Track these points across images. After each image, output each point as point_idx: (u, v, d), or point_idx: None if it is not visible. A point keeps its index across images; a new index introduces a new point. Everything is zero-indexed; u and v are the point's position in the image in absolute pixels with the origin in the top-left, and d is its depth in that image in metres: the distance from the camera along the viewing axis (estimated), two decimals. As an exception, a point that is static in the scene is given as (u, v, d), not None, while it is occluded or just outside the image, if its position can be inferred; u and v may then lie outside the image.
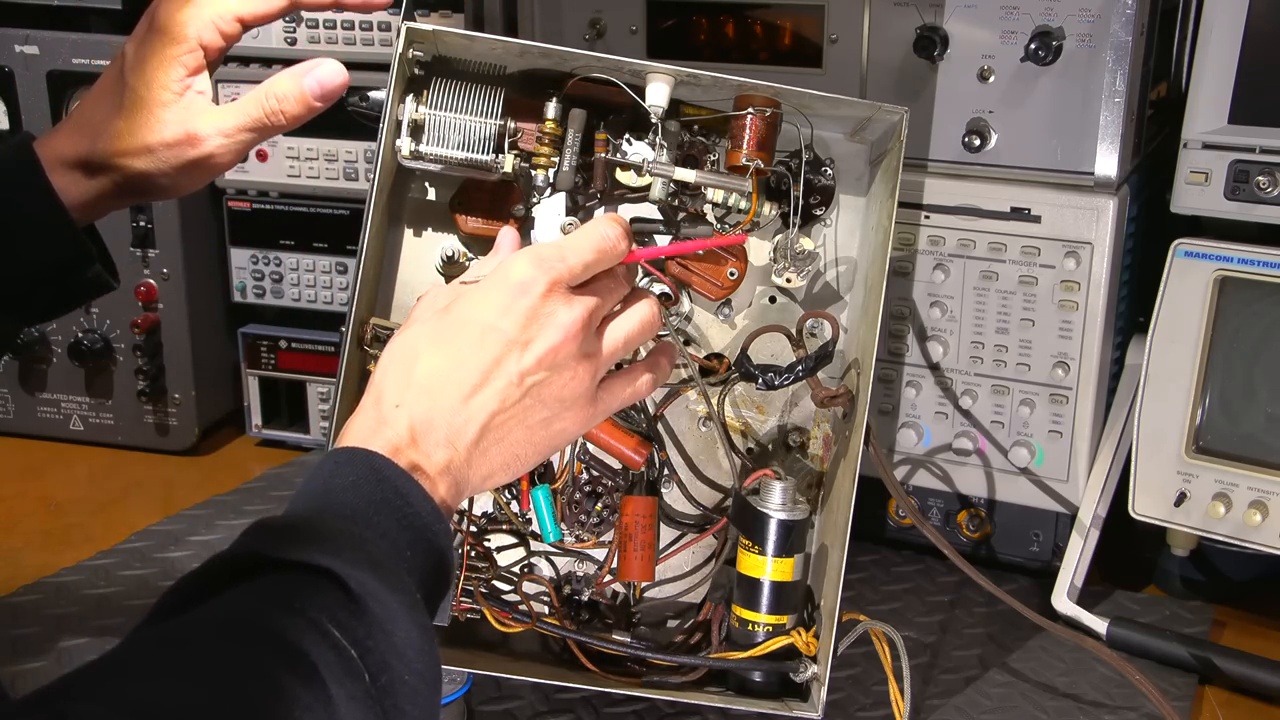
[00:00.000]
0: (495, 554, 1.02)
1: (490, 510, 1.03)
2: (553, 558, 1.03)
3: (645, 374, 0.87)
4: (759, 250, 1.01)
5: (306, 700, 0.56)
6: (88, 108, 0.90)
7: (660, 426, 1.03)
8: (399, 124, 0.93)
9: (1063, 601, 1.14)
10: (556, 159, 0.96)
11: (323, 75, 0.90)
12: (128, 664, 0.56)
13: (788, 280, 0.99)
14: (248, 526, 0.65)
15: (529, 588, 1.00)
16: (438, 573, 0.70)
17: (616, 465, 1.02)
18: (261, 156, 1.45)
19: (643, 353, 0.94)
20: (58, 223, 0.87)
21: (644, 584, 1.02)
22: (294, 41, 1.42)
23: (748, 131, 0.94)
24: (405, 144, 0.93)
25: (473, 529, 1.01)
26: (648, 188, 0.96)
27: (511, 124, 0.95)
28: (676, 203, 0.98)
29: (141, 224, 1.43)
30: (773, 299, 1.03)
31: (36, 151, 0.88)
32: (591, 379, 0.80)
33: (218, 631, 0.59)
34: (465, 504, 1.01)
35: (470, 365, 0.75)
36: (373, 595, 0.62)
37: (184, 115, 0.88)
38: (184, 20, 0.88)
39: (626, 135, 0.97)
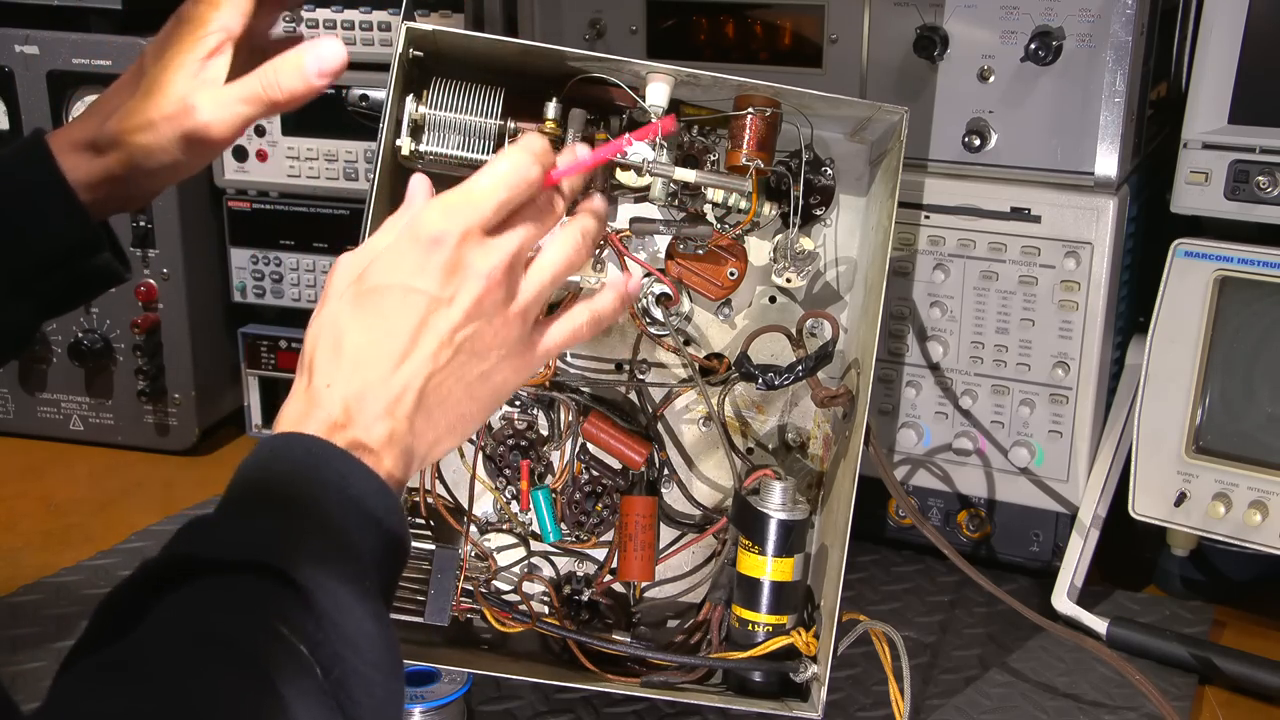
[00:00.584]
0: (495, 554, 1.02)
1: (490, 511, 1.03)
2: (553, 558, 1.03)
3: (584, 310, 0.81)
4: (759, 250, 1.01)
5: (255, 703, 0.55)
6: (105, 96, 0.92)
7: (660, 426, 1.03)
8: (399, 124, 0.93)
9: (1063, 601, 1.14)
10: (556, 159, 0.96)
11: (323, 52, 0.88)
12: (72, 694, 0.55)
13: (788, 280, 0.99)
14: (181, 527, 0.64)
15: (529, 588, 1.00)
16: (390, 552, 0.69)
17: (616, 465, 1.02)
18: (261, 156, 1.45)
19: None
20: (66, 205, 0.87)
21: (644, 584, 1.02)
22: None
23: (748, 131, 0.94)
24: (405, 144, 0.93)
25: (473, 529, 1.01)
26: (648, 188, 0.96)
27: (511, 124, 0.95)
28: (677, 202, 0.98)
29: (141, 224, 1.43)
30: (773, 299, 1.03)
31: (48, 141, 0.89)
32: (523, 323, 0.76)
33: (158, 644, 0.57)
34: (465, 505, 1.01)
35: (397, 331, 0.72)
36: (319, 587, 0.60)
37: (186, 90, 0.88)
38: (205, 8, 0.89)
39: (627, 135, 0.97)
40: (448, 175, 0.98)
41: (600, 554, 1.03)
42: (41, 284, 0.90)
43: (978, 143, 1.14)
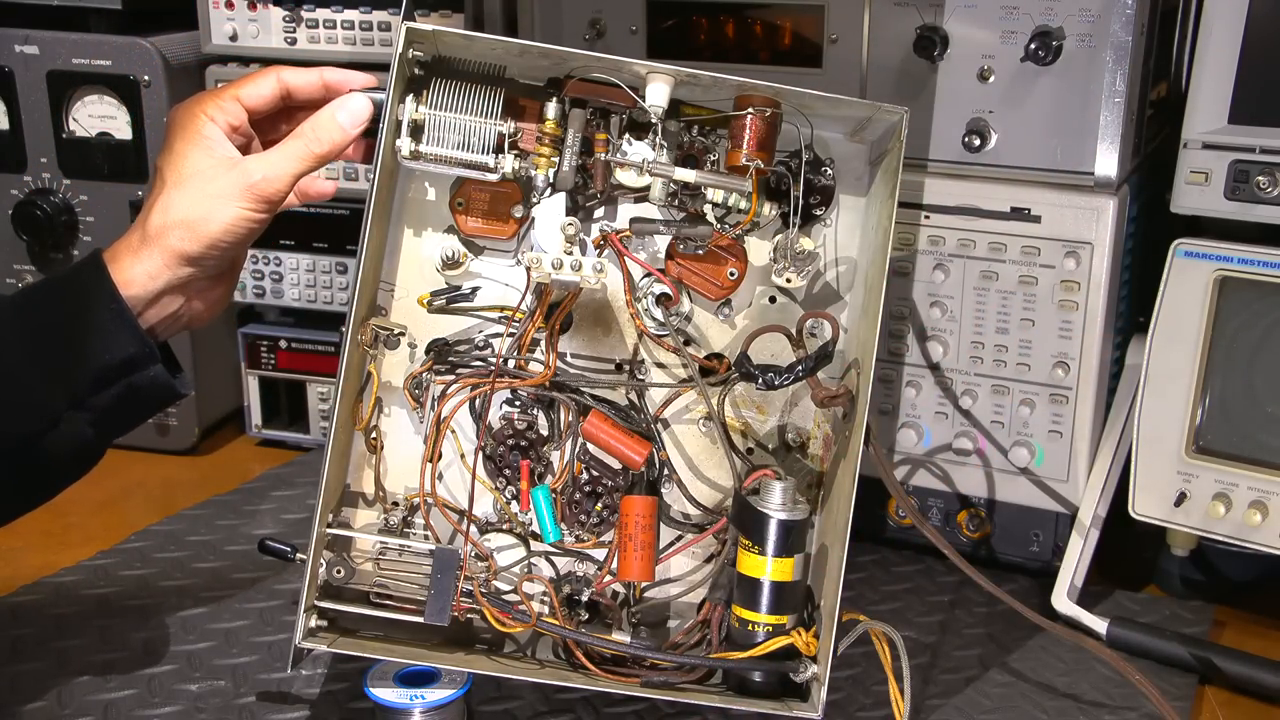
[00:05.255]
0: (495, 554, 1.02)
1: (490, 511, 1.04)
2: (553, 558, 1.03)
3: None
4: (759, 250, 1.01)
5: None
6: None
7: (660, 426, 1.03)
8: (399, 124, 0.93)
9: (1063, 601, 1.14)
10: (556, 159, 0.97)
11: (353, 107, 0.97)
12: None
13: (788, 280, 0.99)
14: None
15: (529, 588, 1.00)
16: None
17: (616, 465, 1.02)
18: (261, 156, 1.45)
19: None
20: (120, 318, 0.92)
21: (644, 584, 1.02)
22: (294, 41, 1.42)
23: (748, 131, 0.94)
24: (405, 144, 0.93)
25: (473, 529, 1.01)
26: (648, 188, 0.96)
27: (511, 124, 0.95)
28: (677, 203, 0.98)
29: (141, 224, 1.43)
30: (773, 299, 1.03)
31: (104, 256, 0.93)
32: None
33: None
34: (465, 505, 1.01)
35: None
36: None
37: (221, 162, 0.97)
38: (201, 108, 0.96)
39: (626, 135, 0.97)
40: (449, 176, 0.98)
41: (600, 554, 1.03)
42: (97, 398, 0.93)
43: (978, 143, 1.14)
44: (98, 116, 1.42)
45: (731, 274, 1.00)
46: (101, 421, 0.94)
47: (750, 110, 0.93)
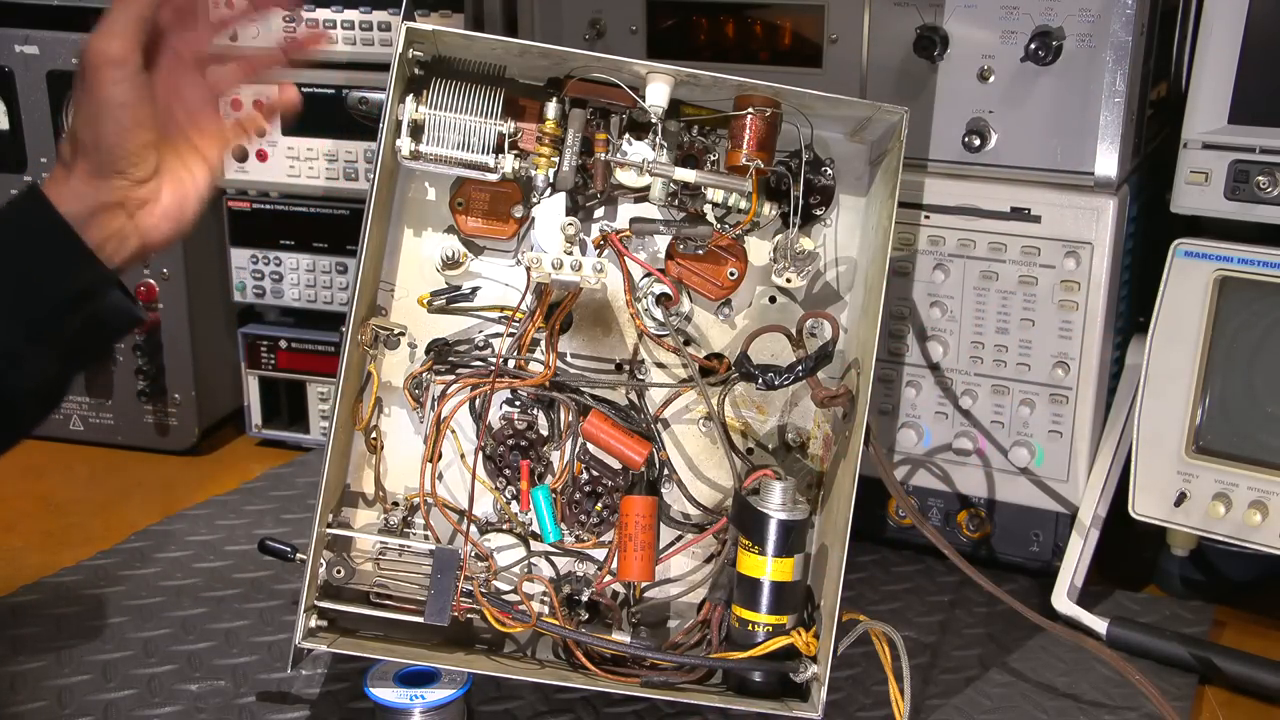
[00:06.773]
0: (495, 554, 1.02)
1: (490, 511, 1.04)
2: (553, 558, 1.03)
3: None
4: (759, 250, 1.01)
5: None
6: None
7: (660, 426, 1.03)
8: (399, 124, 0.93)
9: (1063, 601, 1.14)
10: (556, 159, 0.97)
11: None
12: None
13: (788, 280, 0.99)
14: None
15: (529, 588, 1.00)
16: None
17: (616, 465, 1.02)
18: (261, 156, 1.45)
19: None
20: (71, 245, 0.89)
21: (644, 584, 1.02)
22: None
23: (748, 131, 0.94)
24: (405, 144, 0.93)
25: (473, 529, 1.01)
26: (648, 188, 0.96)
27: (511, 124, 0.95)
28: (677, 203, 0.98)
29: (141, 224, 1.43)
30: (773, 299, 1.03)
31: (44, 188, 0.91)
32: None
33: None
34: (465, 505, 1.01)
35: None
36: None
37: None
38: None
39: (626, 135, 0.97)
40: (449, 176, 0.98)
41: (600, 554, 1.03)
42: (59, 328, 0.90)
43: (978, 143, 1.14)
44: (98, 116, 1.42)
45: (731, 274, 1.00)
46: (63, 356, 0.91)
47: (750, 110, 0.93)
